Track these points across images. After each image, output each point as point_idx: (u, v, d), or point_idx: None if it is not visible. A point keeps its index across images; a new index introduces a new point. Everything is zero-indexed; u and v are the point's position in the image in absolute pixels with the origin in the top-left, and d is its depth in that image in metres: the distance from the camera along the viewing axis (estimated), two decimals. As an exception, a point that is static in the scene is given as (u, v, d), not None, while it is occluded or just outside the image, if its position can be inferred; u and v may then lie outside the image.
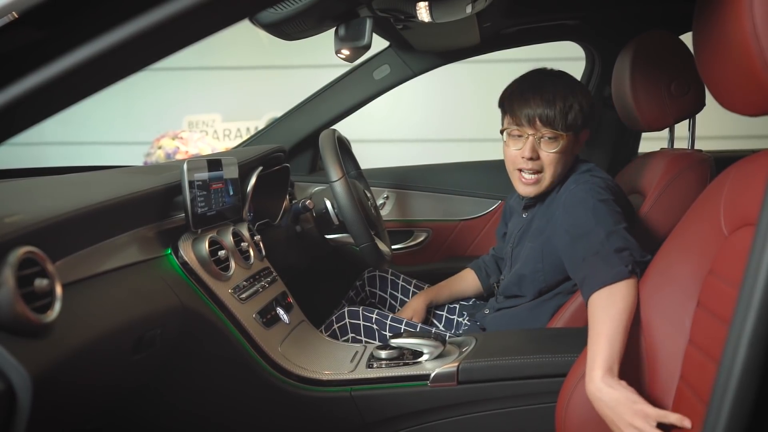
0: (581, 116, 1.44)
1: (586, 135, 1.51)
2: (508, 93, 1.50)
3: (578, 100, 1.44)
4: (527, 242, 1.54)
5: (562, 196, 1.44)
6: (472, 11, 1.45)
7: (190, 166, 1.20)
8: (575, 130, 1.45)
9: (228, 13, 0.70)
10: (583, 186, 1.39)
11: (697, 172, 1.48)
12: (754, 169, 0.87)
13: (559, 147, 1.44)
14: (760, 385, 0.63)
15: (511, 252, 1.61)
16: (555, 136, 1.43)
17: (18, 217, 0.77)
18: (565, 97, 1.43)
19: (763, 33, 0.74)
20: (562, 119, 1.42)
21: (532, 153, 1.44)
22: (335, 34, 1.30)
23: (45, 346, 0.73)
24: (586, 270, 1.20)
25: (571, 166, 1.51)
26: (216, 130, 4.98)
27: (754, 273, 0.65)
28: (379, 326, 1.56)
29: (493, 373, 1.24)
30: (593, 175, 1.44)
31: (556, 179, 1.47)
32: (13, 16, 0.64)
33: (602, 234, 1.25)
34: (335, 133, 1.73)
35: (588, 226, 1.29)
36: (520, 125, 1.45)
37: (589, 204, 1.34)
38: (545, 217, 1.49)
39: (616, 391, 0.99)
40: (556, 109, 1.41)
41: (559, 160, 1.45)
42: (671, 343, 0.99)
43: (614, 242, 1.23)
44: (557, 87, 1.44)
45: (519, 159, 1.46)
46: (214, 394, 1.25)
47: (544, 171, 1.46)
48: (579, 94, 1.45)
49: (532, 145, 1.44)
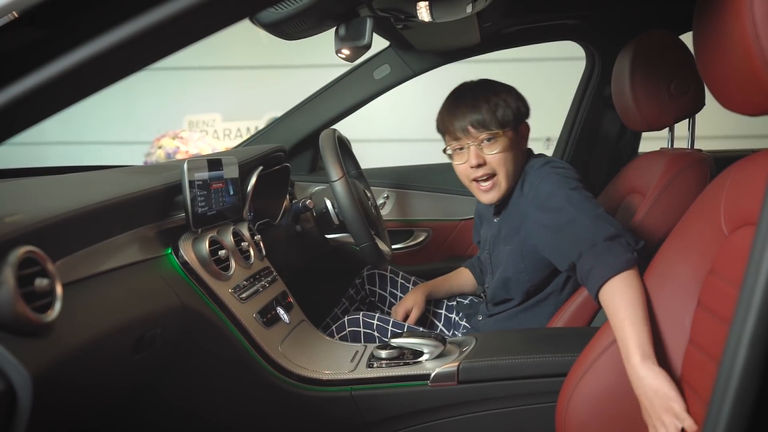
0: (511, 111, 1.46)
1: (527, 128, 1.53)
2: (439, 116, 1.53)
3: (502, 98, 1.47)
4: (502, 245, 1.55)
5: (528, 195, 1.44)
6: (472, 11, 1.45)
7: (190, 166, 1.20)
8: (512, 126, 1.47)
9: (228, 12, 0.70)
10: (549, 179, 1.40)
11: (697, 171, 1.48)
12: (754, 168, 0.87)
13: (501, 146, 1.45)
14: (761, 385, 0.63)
15: (489, 258, 1.62)
16: (493, 137, 1.45)
17: (18, 217, 0.77)
18: (487, 98, 1.46)
19: (763, 33, 0.74)
20: (493, 118, 1.44)
21: (478, 159, 1.46)
22: (335, 34, 1.30)
23: (45, 345, 0.73)
24: (590, 263, 1.20)
25: (526, 162, 1.52)
26: (216, 129, 4.98)
27: (754, 273, 0.65)
28: (380, 333, 1.56)
29: (493, 373, 1.24)
30: (554, 166, 1.45)
31: (512, 178, 1.49)
32: (13, 16, 0.64)
33: (586, 221, 1.26)
34: (335, 132, 1.73)
35: (568, 216, 1.30)
36: (457, 139, 1.47)
37: (561, 195, 1.35)
38: (516, 218, 1.49)
39: (657, 380, 0.96)
40: (483, 111, 1.44)
41: (506, 159, 1.46)
42: (672, 343, 0.99)
43: (604, 228, 1.23)
44: (477, 92, 1.48)
45: (469, 170, 1.48)
46: (214, 393, 1.25)
47: (497, 173, 1.47)
48: (501, 93, 1.48)
49: (475, 152, 1.46)
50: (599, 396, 1.06)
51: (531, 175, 1.47)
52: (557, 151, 2.39)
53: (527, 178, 1.48)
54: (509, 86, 1.52)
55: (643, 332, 1.02)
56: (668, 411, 0.94)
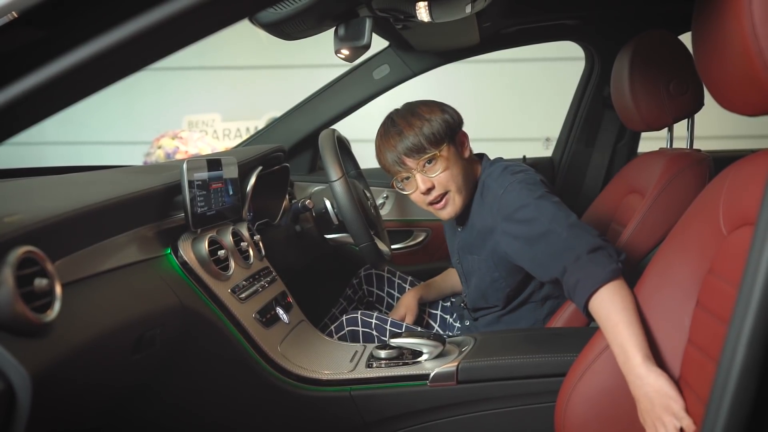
0: (439, 126, 1.41)
1: (464, 136, 1.48)
2: (376, 156, 1.50)
3: (425, 117, 1.42)
4: (470, 255, 1.53)
5: (493, 205, 1.40)
6: (471, 11, 1.45)
7: (189, 166, 1.20)
8: (446, 140, 1.42)
9: (228, 12, 0.70)
10: (513, 188, 1.36)
11: (696, 171, 1.48)
12: (753, 168, 0.87)
13: (443, 165, 1.42)
14: (759, 385, 0.63)
15: (461, 267, 1.61)
16: (431, 158, 1.41)
17: (18, 217, 0.77)
18: (410, 123, 1.42)
19: (762, 33, 0.74)
20: (423, 140, 1.40)
21: (426, 184, 1.42)
22: (335, 34, 1.30)
23: (45, 345, 0.73)
24: (575, 276, 1.18)
25: (480, 167, 1.49)
26: (216, 129, 4.98)
27: (753, 272, 0.65)
28: (378, 332, 1.56)
29: (492, 373, 1.24)
30: (514, 172, 1.41)
31: (466, 189, 1.46)
32: (13, 16, 0.64)
33: (563, 232, 1.24)
34: (335, 132, 1.73)
35: (541, 227, 1.27)
36: (399, 171, 1.45)
37: (529, 205, 1.32)
38: (480, 228, 1.47)
39: (658, 380, 0.96)
40: (410, 137, 1.40)
41: (453, 175, 1.43)
42: (670, 343, 0.99)
43: (585, 240, 1.21)
44: (398, 121, 1.44)
45: (421, 196, 1.45)
46: (213, 393, 1.25)
47: (449, 191, 1.44)
48: (423, 112, 1.43)
49: (421, 178, 1.42)
50: (598, 396, 1.06)
51: (491, 183, 1.43)
52: (557, 151, 2.39)
53: (487, 186, 1.45)
54: (430, 102, 1.48)
55: (639, 334, 1.01)
56: (668, 410, 0.94)
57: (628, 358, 1.00)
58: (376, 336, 1.56)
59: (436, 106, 1.46)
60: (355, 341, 1.55)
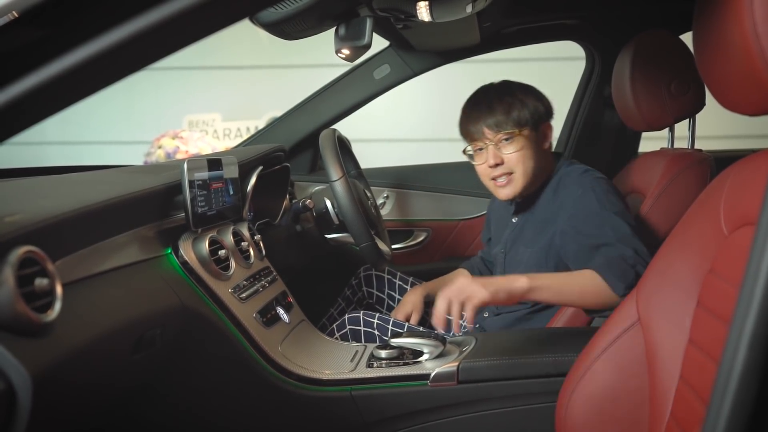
0: (527, 111, 1.47)
1: (549, 128, 1.53)
2: (459, 120, 1.57)
3: (518, 98, 1.48)
4: (523, 247, 1.54)
5: (565, 199, 1.44)
6: (472, 11, 1.45)
7: (190, 166, 1.19)
8: (530, 125, 1.47)
9: (228, 12, 0.70)
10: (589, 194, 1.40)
11: (697, 171, 1.48)
12: (754, 168, 0.87)
13: (518, 146, 1.47)
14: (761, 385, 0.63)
15: (504, 258, 1.61)
16: (509, 136, 1.47)
17: (18, 217, 0.77)
18: (501, 98, 1.48)
19: (763, 32, 0.74)
20: (508, 118, 1.46)
21: (496, 159, 1.48)
22: (335, 34, 1.30)
23: (45, 345, 0.73)
24: (599, 258, 1.29)
25: (556, 164, 1.52)
26: (216, 129, 4.97)
27: (754, 272, 0.65)
28: (380, 332, 1.56)
29: (493, 373, 1.24)
30: (595, 177, 1.45)
31: (530, 177, 1.49)
32: (13, 16, 0.64)
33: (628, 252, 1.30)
34: (335, 132, 1.73)
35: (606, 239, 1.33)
36: (475, 140, 1.51)
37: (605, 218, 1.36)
38: (542, 218, 1.49)
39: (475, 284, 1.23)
40: (497, 112, 1.47)
41: (524, 158, 1.47)
42: (671, 343, 0.99)
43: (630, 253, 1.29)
44: (492, 95, 1.51)
45: (488, 170, 1.51)
46: (214, 393, 1.25)
47: (514, 172, 1.49)
48: (518, 93, 1.50)
49: (493, 152, 1.48)
50: (599, 396, 1.06)
51: (570, 182, 1.47)
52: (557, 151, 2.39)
53: (564, 184, 1.48)
54: (528, 87, 1.54)
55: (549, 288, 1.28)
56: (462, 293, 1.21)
57: (516, 279, 1.26)
58: (377, 335, 1.56)
59: (531, 92, 1.52)
60: (356, 340, 1.55)
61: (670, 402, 0.97)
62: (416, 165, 2.38)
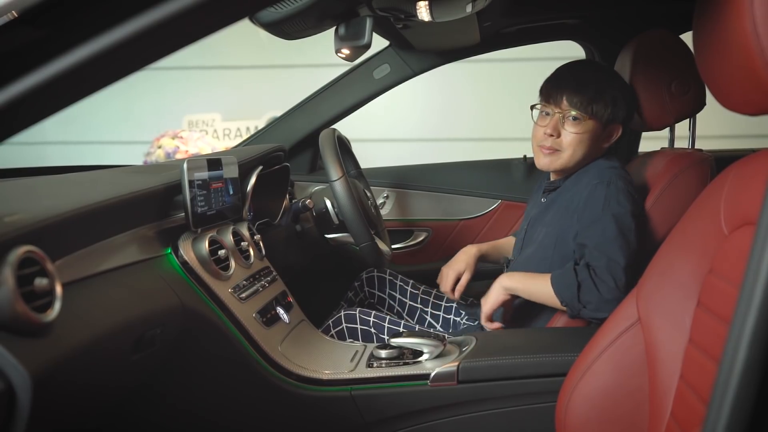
0: (610, 107, 1.46)
1: (617, 131, 1.52)
2: (548, 77, 1.55)
3: (611, 93, 1.47)
4: (541, 226, 1.55)
5: (585, 186, 1.45)
6: (472, 10, 1.44)
7: (190, 166, 1.19)
8: (603, 120, 1.47)
9: (228, 12, 0.70)
10: (605, 186, 1.41)
11: (698, 171, 1.48)
12: (754, 168, 0.87)
13: (581, 129, 1.46)
14: (761, 385, 0.62)
15: (524, 233, 1.62)
16: (578, 117, 1.46)
17: (18, 217, 0.77)
18: (598, 83, 1.47)
19: (763, 32, 0.74)
20: (589, 103, 1.45)
21: (554, 131, 1.48)
22: (335, 34, 1.29)
23: (45, 345, 0.73)
24: (593, 260, 1.33)
25: (597, 159, 1.52)
26: (216, 129, 4.97)
27: (754, 272, 0.65)
28: (377, 329, 1.56)
29: (493, 373, 1.24)
30: (619, 175, 1.45)
31: (575, 162, 1.50)
32: (13, 15, 0.64)
33: (623, 244, 1.34)
34: (335, 132, 1.73)
35: (587, 239, 1.35)
36: (547, 102, 1.50)
37: (602, 217, 1.38)
38: (563, 205, 1.50)
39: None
40: (585, 92, 1.45)
41: (579, 143, 1.47)
42: (671, 343, 0.99)
43: (618, 266, 1.32)
44: (591, 75, 1.50)
45: (542, 135, 1.50)
46: (213, 393, 1.25)
47: (562, 150, 1.49)
48: (614, 87, 1.48)
49: (555, 123, 1.48)
50: (599, 396, 1.06)
51: (594, 174, 1.48)
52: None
53: (589, 173, 1.49)
54: (626, 86, 1.53)
55: (524, 284, 1.44)
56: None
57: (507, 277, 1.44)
58: (374, 333, 1.56)
59: (625, 93, 1.51)
60: (352, 337, 1.55)
61: (670, 401, 0.97)
62: (416, 165, 2.38)
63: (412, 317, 1.81)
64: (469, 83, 4.31)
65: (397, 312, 1.81)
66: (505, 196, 2.19)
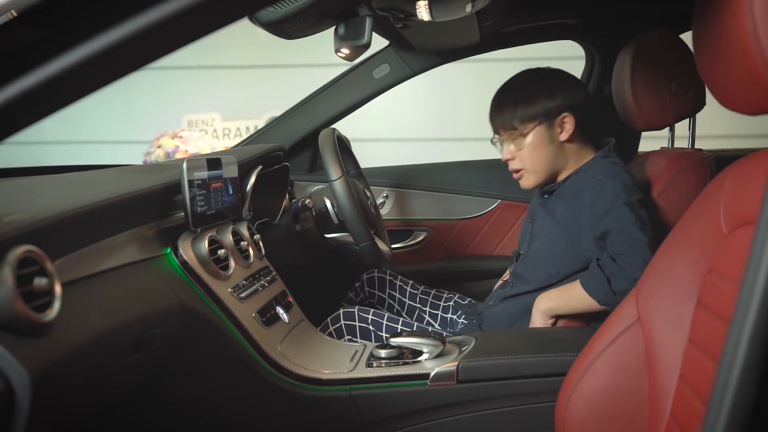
0: (534, 108, 1.48)
1: (570, 119, 1.51)
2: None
3: (527, 96, 1.49)
4: (543, 221, 1.55)
5: (588, 183, 1.45)
6: (471, 10, 1.44)
7: (189, 165, 1.19)
8: (538, 119, 1.48)
9: (228, 11, 0.70)
10: (608, 182, 1.41)
11: (697, 171, 1.48)
12: (754, 168, 0.87)
13: (523, 142, 1.50)
14: (760, 385, 0.63)
15: (531, 226, 1.63)
16: (513, 134, 1.50)
17: (17, 216, 0.77)
18: (512, 98, 1.51)
19: (763, 32, 0.74)
20: (511, 118, 1.50)
21: (506, 155, 1.54)
22: (335, 33, 1.29)
23: (44, 345, 0.73)
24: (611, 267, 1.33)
25: (580, 149, 1.53)
26: (215, 129, 4.97)
27: (753, 272, 0.65)
28: (375, 327, 1.56)
29: (493, 372, 1.24)
30: (624, 170, 1.46)
31: (544, 173, 1.52)
32: (13, 15, 0.64)
33: (617, 239, 1.35)
34: (335, 132, 1.73)
35: (606, 227, 1.36)
36: (496, 134, 1.57)
37: (613, 210, 1.38)
38: (569, 198, 1.50)
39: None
40: (505, 110, 1.50)
41: (532, 153, 1.50)
42: (671, 342, 0.99)
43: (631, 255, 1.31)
44: (505, 91, 1.54)
45: (506, 164, 1.56)
46: (213, 393, 1.25)
47: (525, 168, 1.53)
48: (531, 88, 1.50)
49: (505, 149, 1.55)
50: (599, 395, 1.06)
51: (595, 169, 1.48)
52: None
53: (591, 170, 1.49)
54: (547, 80, 1.53)
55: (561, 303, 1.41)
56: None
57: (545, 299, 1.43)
58: (372, 331, 1.56)
59: (547, 86, 1.51)
60: (350, 335, 1.55)
61: (669, 401, 0.97)
62: (416, 164, 2.38)
63: (411, 316, 1.81)
64: (469, 83, 4.31)
65: (397, 311, 1.81)
66: (504, 196, 2.19)
